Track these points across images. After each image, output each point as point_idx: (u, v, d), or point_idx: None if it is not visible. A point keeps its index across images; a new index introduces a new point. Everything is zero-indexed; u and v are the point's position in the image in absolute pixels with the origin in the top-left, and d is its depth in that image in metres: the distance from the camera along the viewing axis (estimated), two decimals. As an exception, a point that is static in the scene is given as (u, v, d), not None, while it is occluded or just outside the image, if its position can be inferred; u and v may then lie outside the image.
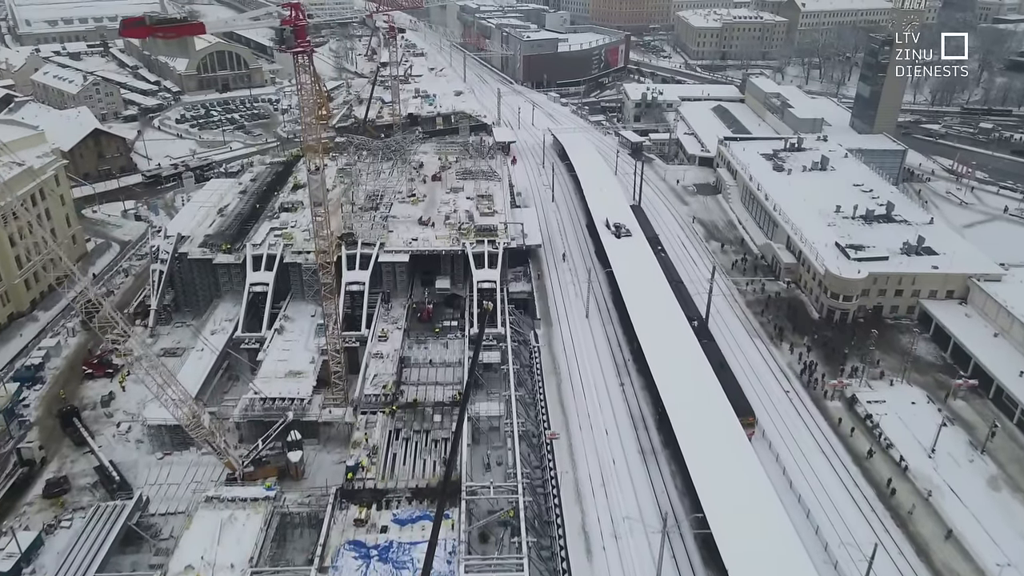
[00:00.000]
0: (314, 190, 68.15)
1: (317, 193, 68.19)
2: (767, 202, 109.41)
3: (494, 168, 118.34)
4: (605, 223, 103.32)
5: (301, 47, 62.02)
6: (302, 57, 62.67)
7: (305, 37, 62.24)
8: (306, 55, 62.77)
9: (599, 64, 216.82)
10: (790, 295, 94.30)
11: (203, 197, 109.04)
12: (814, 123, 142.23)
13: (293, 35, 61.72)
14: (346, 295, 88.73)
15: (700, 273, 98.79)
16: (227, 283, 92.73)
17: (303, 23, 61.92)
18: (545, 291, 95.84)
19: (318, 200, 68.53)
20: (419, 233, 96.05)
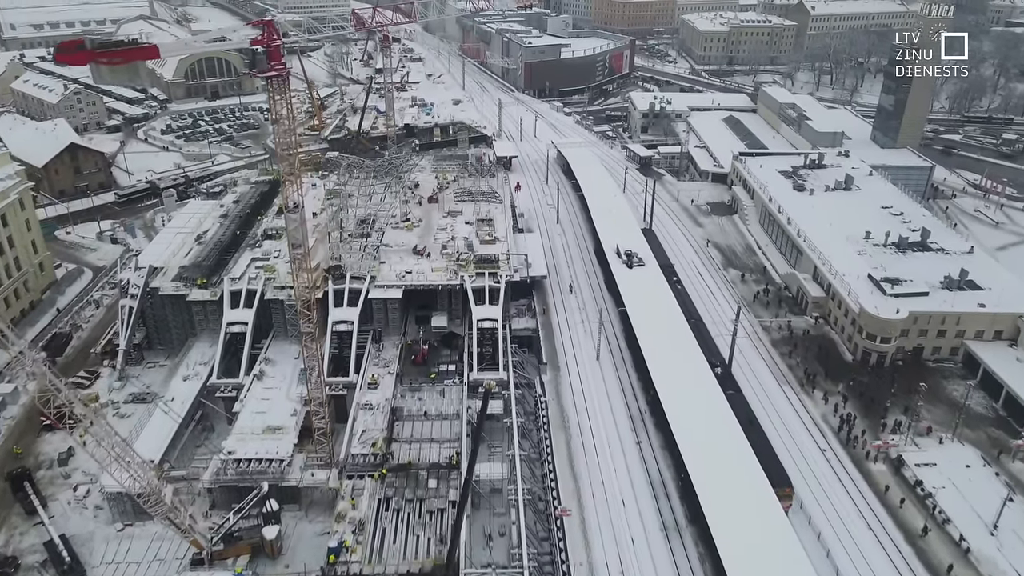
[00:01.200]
0: (292, 230, 60.07)
1: (296, 234, 60.13)
2: (789, 227, 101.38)
3: (495, 188, 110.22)
4: (615, 251, 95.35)
5: (275, 71, 53.94)
6: (276, 82, 54.60)
7: (280, 59, 54.15)
8: (281, 80, 54.69)
9: (603, 71, 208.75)
10: (819, 333, 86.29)
11: (180, 222, 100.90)
12: (834, 137, 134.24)
13: (265, 57, 53.64)
14: (333, 335, 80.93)
15: (720, 307, 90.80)
16: (202, 321, 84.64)
17: (277, 43, 53.82)
18: (551, 328, 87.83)
19: (297, 242, 60.51)
20: (413, 264, 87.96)
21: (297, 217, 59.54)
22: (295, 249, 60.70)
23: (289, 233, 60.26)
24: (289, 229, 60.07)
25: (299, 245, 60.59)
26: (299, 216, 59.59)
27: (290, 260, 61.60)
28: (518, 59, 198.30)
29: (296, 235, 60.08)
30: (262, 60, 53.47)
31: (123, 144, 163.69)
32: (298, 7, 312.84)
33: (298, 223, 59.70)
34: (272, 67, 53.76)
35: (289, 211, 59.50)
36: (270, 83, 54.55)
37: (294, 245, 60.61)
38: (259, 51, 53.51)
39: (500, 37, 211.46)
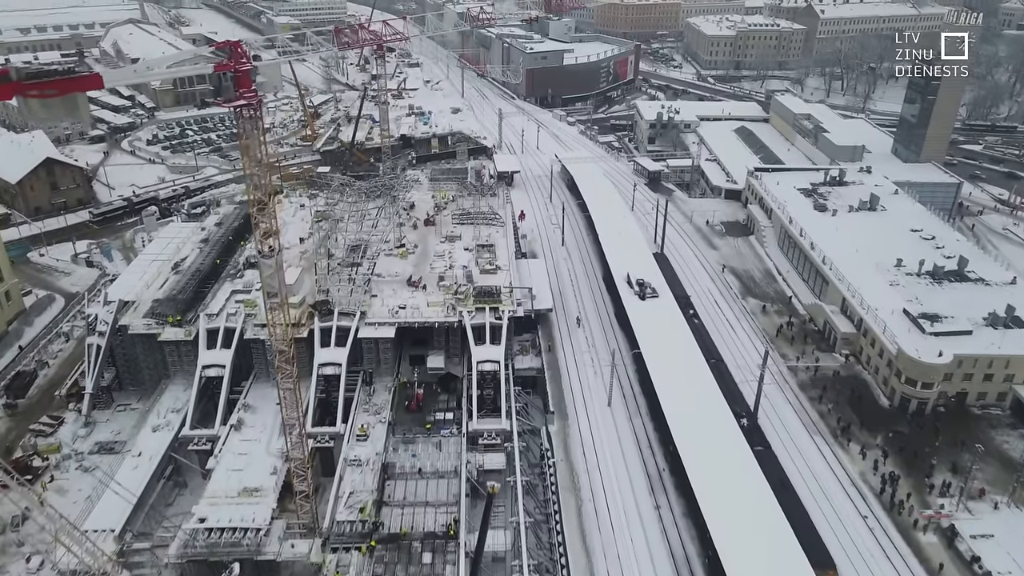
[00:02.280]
0: (267, 277, 52.82)
1: (271, 282, 52.89)
2: (813, 252, 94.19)
3: (496, 209, 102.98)
4: (626, 279, 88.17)
5: (245, 100, 46.69)
6: (247, 112, 47.34)
7: (250, 86, 46.90)
8: (252, 110, 47.42)
9: (607, 77, 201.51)
10: (850, 373, 79.11)
11: (157, 248, 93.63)
12: (854, 151, 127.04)
13: (233, 84, 46.40)
14: (319, 378, 73.76)
15: (741, 344, 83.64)
16: (176, 362, 77.37)
17: (246, 67, 46.56)
18: (558, 367, 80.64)
19: (273, 290, 53.28)
20: (408, 298, 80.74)
21: (273, 263, 52.30)
22: (271, 298, 53.47)
23: (264, 281, 53.01)
24: (264, 276, 52.82)
25: (275, 294, 53.38)
26: (275, 262, 52.33)
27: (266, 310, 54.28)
28: (519, 66, 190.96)
29: (271, 283, 52.84)
30: (229, 88, 46.23)
31: (107, 155, 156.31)
32: (293, 10, 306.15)
33: (273, 269, 52.45)
34: (241, 95, 46.52)
35: (263, 256, 52.24)
36: (239, 114, 47.31)
37: (270, 294, 53.39)
38: (225, 78, 46.29)
39: (500, 43, 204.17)
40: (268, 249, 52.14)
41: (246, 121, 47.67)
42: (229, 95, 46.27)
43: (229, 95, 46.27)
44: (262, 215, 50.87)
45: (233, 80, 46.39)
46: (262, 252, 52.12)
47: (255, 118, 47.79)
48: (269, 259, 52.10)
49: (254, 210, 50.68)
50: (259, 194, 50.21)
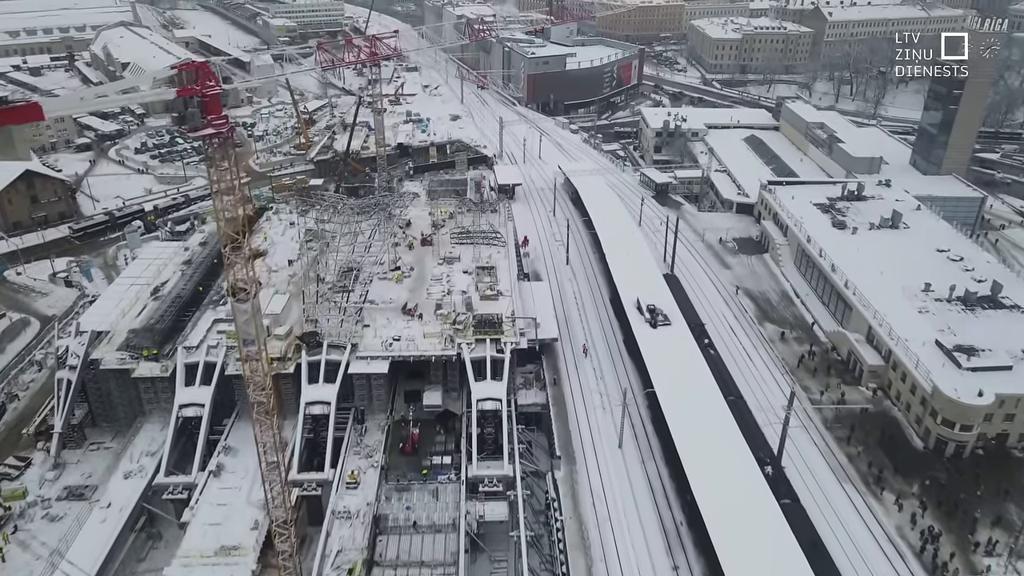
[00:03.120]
0: (242, 324, 47.18)
1: (247, 328, 47.25)
2: (834, 275, 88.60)
3: (496, 227, 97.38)
4: (636, 305, 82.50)
5: (213, 128, 41.07)
6: (216, 142, 41.73)
7: (219, 111, 41.28)
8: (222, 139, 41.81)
9: (611, 82, 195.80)
10: (880, 410, 73.47)
11: (136, 270, 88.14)
12: (871, 163, 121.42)
13: (200, 111, 40.80)
14: (306, 418, 68.19)
15: (760, 376, 78.05)
16: (152, 399, 71.77)
17: (215, 91, 40.95)
18: (564, 403, 75.00)
19: (249, 338, 47.66)
20: (403, 328, 75.19)
21: (249, 307, 46.67)
22: (247, 346, 47.84)
23: (238, 328, 47.36)
24: (238, 323, 47.18)
25: (252, 342, 47.75)
26: (251, 306, 46.69)
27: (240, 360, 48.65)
28: (520, 71, 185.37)
29: (247, 330, 47.21)
30: (195, 115, 40.61)
31: (93, 164, 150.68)
32: (290, 12, 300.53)
33: (250, 315, 46.82)
34: (209, 123, 40.89)
35: (237, 300, 46.62)
36: (208, 144, 41.66)
37: (245, 341, 47.76)
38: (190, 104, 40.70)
39: (501, 47, 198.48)
40: (243, 292, 46.57)
41: (216, 151, 42.08)
42: (195, 123, 40.68)
43: (195, 123, 40.68)
44: (236, 255, 45.23)
45: (200, 106, 40.80)
46: (236, 295, 46.49)
47: (226, 147, 42.20)
48: (244, 304, 46.50)
49: (227, 249, 45.01)
50: (231, 231, 44.61)
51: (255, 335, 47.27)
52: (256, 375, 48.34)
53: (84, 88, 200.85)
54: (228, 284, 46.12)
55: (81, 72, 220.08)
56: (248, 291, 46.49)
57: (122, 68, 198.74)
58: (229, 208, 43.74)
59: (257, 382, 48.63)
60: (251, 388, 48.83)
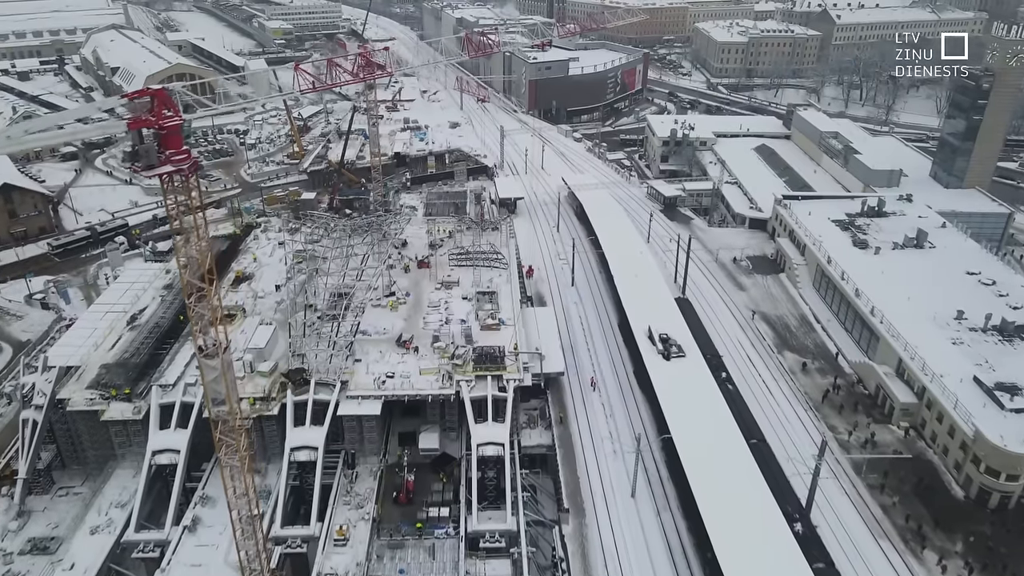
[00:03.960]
0: (210, 382, 41.57)
1: (216, 387, 41.65)
2: (858, 300, 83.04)
3: (498, 248, 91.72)
4: (647, 334, 76.92)
5: (173, 165, 35.49)
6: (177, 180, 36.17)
7: (179, 146, 35.69)
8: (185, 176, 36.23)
9: (615, 87, 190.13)
10: (913, 452, 67.81)
11: (113, 296, 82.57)
12: (890, 176, 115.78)
13: (156, 146, 35.20)
14: (291, 465, 62.59)
15: (782, 414, 72.52)
16: (125, 443, 66.10)
17: (175, 123, 35.34)
18: (571, 444, 69.45)
19: (219, 397, 42.04)
20: (396, 363, 69.58)
21: (219, 363, 41.07)
22: (216, 407, 42.24)
23: (207, 387, 41.77)
24: (206, 380, 41.58)
25: (222, 401, 42.16)
26: (221, 361, 41.09)
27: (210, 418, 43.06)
28: (522, 77, 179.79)
29: (217, 388, 41.61)
30: (150, 151, 34.96)
31: (78, 175, 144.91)
32: (286, 14, 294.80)
33: (219, 371, 41.21)
34: (167, 160, 35.30)
35: (205, 355, 41.03)
36: (167, 183, 36.09)
37: (215, 401, 42.16)
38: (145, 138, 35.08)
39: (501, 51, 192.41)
40: (212, 345, 41.00)
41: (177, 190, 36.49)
42: (150, 160, 35.04)
43: (150, 160, 35.04)
44: (202, 305, 39.62)
45: (156, 140, 35.19)
46: (204, 349, 40.90)
47: (188, 187, 36.61)
48: (213, 359, 40.92)
49: (191, 300, 39.41)
50: (196, 279, 39.02)
51: (226, 394, 41.70)
52: (229, 437, 42.79)
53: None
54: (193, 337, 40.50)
55: (71, 76, 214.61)
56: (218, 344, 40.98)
57: (112, 72, 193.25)
58: (194, 253, 38.20)
59: (230, 445, 43.07)
60: (223, 452, 43.27)
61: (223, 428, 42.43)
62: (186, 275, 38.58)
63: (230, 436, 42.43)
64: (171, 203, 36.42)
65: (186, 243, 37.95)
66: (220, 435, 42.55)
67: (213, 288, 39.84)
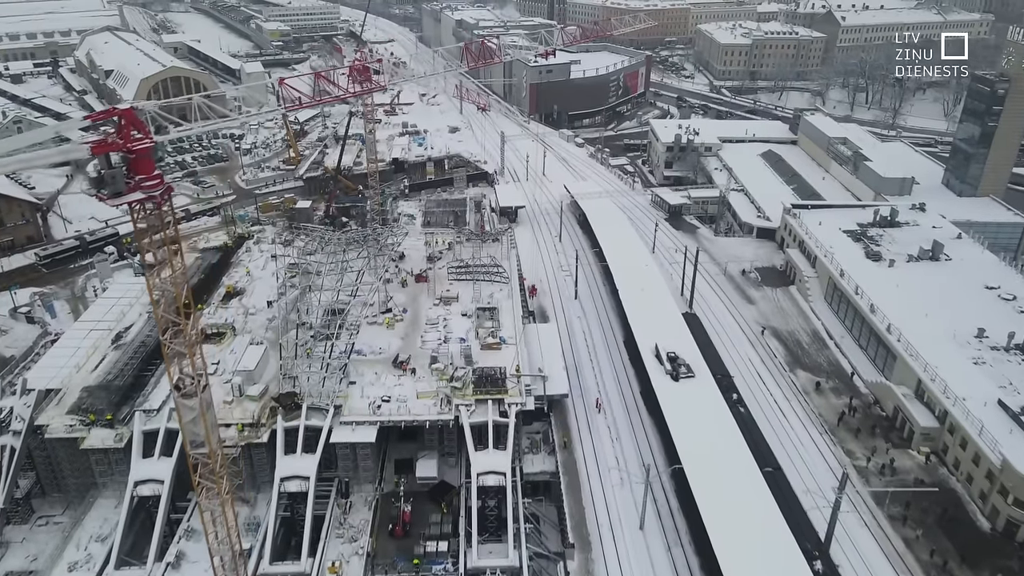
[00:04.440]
0: (187, 424, 38.35)
1: (194, 428, 38.44)
2: (873, 316, 79.83)
3: (499, 260, 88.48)
4: (655, 352, 73.77)
5: (143, 191, 32.29)
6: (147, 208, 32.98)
7: (151, 170, 32.49)
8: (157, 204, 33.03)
9: (617, 91, 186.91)
10: (935, 479, 64.65)
11: (98, 311, 79.43)
12: (902, 184, 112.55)
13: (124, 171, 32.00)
14: (282, 496, 59.38)
15: (796, 438, 69.34)
16: (106, 471, 62.87)
17: (146, 145, 32.14)
18: (576, 471, 66.23)
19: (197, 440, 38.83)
20: (393, 386, 66.38)
21: (197, 403, 37.85)
22: (195, 449, 39.03)
23: (184, 428, 38.54)
24: (183, 422, 38.35)
25: (201, 443, 38.94)
26: (200, 401, 37.86)
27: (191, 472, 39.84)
28: (522, 80, 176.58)
29: (195, 430, 38.40)
30: (118, 178, 31.75)
31: (69, 180, 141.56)
32: (284, 16, 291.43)
33: (198, 412, 38.00)
34: (137, 186, 32.10)
35: (183, 393, 37.80)
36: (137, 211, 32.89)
37: (193, 443, 38.94)
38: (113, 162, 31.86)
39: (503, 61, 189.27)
40: (188, 382, 37.79)
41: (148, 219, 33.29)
42: (116, 187, 31.82)
43: (116, 187, 31.82)
44: (178, 342, 36.40)
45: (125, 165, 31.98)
46: (181, 387, 37.69)
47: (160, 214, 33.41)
48: (191, 399, 37.69)
49: (166, 337, 36.21)
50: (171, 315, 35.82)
51: (205, 435, 38.49)
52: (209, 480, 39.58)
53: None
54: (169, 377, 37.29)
55: (64, 79, 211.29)
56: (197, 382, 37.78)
57: (105, 75, 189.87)
58: (168, 287, 34.98)
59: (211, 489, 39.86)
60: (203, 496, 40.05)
61: (203, 471, 39.18)
62: (159, 310, 35.38)
63: (210, 479, 39.21)
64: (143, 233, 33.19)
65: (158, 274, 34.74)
66: (200, 478, 39.28)
67: (191, 321, 36.60)
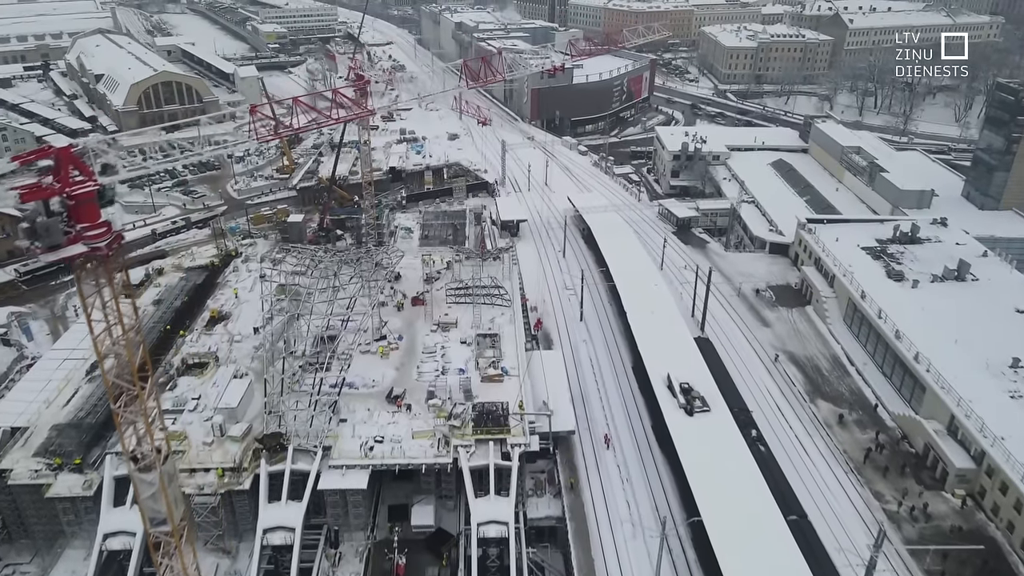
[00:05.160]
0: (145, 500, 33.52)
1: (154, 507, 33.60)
2: (899, 342, 75.03)
3: (500, 280, 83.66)
4: (667, 383, 68.97)
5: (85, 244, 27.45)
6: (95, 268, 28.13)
7: (96, 218, 27.66)
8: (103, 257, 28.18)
9: (620, 96, 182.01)
10: (973, 527, 59.85)
11: (74, 339, 74.66)
12: (921, 196, 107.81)
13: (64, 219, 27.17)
14: (265, 549, 54.59)
15: (822, 481, 64.47)
16: (74, 521, 58.06)
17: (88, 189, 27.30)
18: (584, 517, 61.34)
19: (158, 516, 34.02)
20: (387, 424, 61.69)
21: (156, 477, 33.03)
22: (155, 526, 34.22)
23: (142, 505, 33.74)
24: (141, 499, 33.54)
25: (163, 520, 34.13)
26: (159, 475, 33.04)
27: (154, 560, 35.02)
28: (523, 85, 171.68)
29: (155, 507, 33.58)
30: (53, 229, 26.91)
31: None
32: (281, 17, 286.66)
33: (157, 486, 33.18)
34: (78, 238, 27.25)
35: (140, 466, 33.00)
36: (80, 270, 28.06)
37: (152, 519, 34.14)
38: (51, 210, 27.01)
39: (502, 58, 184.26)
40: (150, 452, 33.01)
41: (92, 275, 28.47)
42: (52, 239, 26.98)
43: (52, 239, 26.98)
44: (131, 411, 31.59)
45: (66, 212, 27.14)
46: (138, 460, 32.89)
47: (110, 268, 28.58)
48: (150, 473, 32.88)
49: (118, 405, 31.40)
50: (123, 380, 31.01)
51: (167, 512, 33.68)
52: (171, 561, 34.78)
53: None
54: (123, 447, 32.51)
55: (55, 83, 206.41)
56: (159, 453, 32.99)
57: (95, 80, 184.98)
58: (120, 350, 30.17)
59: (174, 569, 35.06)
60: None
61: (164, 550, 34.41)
62: (110, 375, 30.56)
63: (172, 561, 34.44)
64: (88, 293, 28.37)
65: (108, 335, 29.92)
66: (160, 558, 34.48)
67: (148, 384, 31.81)
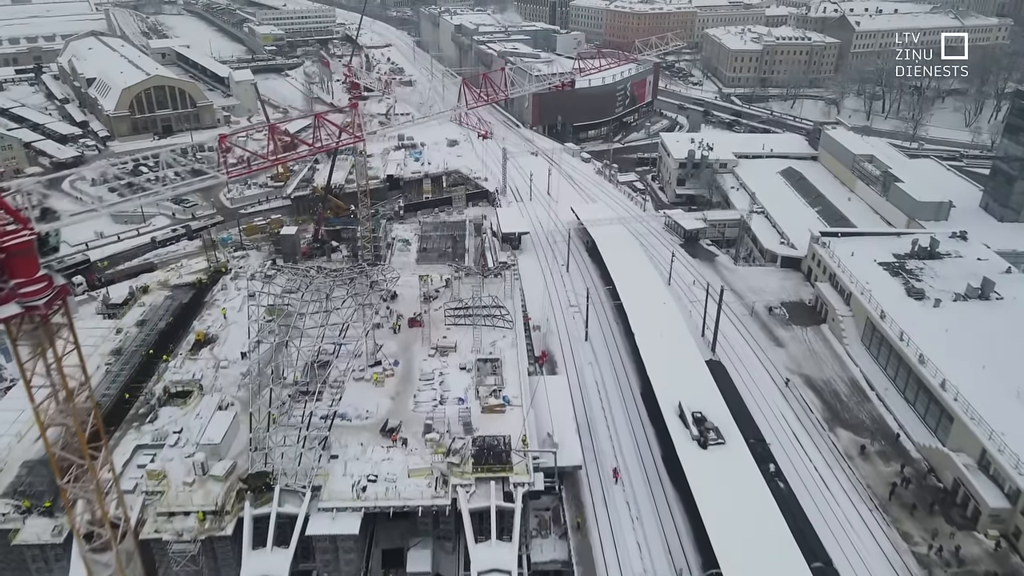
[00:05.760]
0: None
1: None
2: (923, 368, 71.05)
3: (501, 300, 79.53)
4: (678, 413, 65.13)
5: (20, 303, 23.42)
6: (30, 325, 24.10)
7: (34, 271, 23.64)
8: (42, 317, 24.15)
9: (624, 101, 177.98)
10: (1008, 572, 55.90)
11: (51, 365, 70.23)
12: (939, 208, 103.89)
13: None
14: (249, 599, 50.52)
15: (846, 522, 60.53)
16: (43, 569, 53.94)
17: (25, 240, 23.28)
18: (592, 558, 57.47)
19: None
20: (381, 460, 57.63)
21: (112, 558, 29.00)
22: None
23: None
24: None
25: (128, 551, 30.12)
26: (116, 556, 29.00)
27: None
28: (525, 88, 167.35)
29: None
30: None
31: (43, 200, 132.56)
32: (279, 19, 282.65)
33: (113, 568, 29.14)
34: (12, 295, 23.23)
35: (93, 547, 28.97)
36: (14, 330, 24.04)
37: None
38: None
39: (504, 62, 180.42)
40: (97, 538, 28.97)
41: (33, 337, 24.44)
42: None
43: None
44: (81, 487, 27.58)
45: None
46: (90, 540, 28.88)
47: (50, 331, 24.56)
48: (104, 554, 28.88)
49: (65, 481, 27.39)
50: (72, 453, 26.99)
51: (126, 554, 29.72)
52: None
53: None
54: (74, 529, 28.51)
55: (47, 87, 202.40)
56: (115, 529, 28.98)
57: (87, 84, 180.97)
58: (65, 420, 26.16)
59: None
60: None
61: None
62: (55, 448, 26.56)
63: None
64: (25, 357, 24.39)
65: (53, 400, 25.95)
66: (122, 645, 30.55)
67: (101, 456, 27.80)
